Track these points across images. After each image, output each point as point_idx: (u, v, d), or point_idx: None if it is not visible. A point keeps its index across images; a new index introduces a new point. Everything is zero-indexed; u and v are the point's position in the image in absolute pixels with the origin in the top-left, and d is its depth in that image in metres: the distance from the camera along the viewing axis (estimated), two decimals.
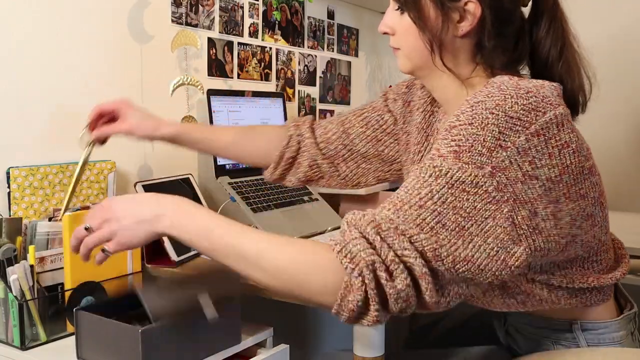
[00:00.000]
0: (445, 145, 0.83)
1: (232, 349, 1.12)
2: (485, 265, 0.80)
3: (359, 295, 0.77)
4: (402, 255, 0.77)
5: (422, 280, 0.78)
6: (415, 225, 0.79)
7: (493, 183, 0.80)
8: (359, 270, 0.77)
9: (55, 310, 1.15)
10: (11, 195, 1.23)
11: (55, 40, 1.34)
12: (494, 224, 0.80)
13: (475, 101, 0.86)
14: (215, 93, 1.66)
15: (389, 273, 0.77)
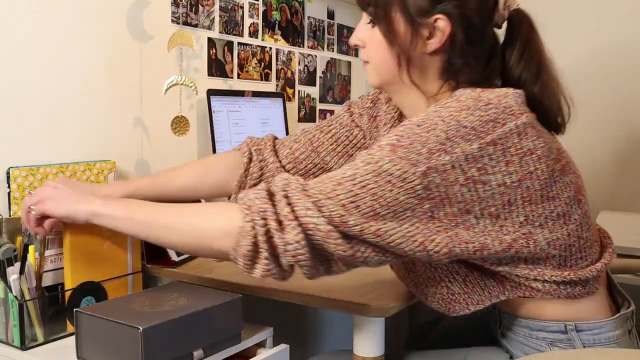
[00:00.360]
0: (386, 138, 0.88)
1: (232, 349, 1.12)
2: (399, 243, 0.85)
3: (248, 239, 0.84)
4: (303, 215, 0.83)
5: (329, 239, 0.84)
6: (324, 195, 0.84)
7: (423, 182, 0.85)
8: (251, 216, 0.84)
9: (55, 310, 1.15)
10: (11, 195, 1.23)
11: (55, 40, 1.34)
12: (411, 215, 0.85)
13: (431, 110, 0.90)
14: (215, 93, 1.66)
15: (279, 224, 0.84)
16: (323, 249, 0.86)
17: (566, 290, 0.98)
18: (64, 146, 1.37)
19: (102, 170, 1.39)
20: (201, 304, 1.06)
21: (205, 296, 1.11)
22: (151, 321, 0.97)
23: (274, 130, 1.84)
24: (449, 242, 0.87)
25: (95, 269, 1.21)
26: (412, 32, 0.97)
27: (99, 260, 1.21)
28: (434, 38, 0.96)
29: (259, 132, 1.78)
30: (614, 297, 1.10)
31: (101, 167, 1.39)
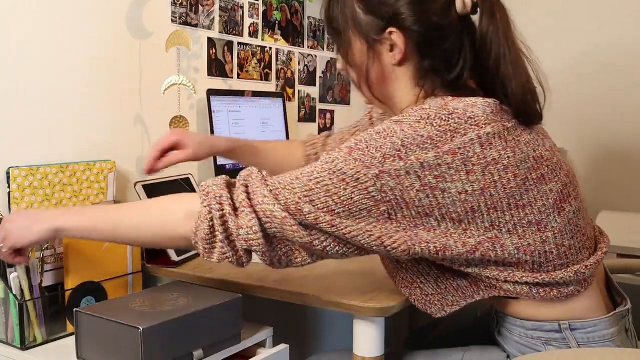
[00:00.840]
0: (347, 142, 0.92)
1: (232, 349, 1.12)
2: (354, 236, 0.89)
3: (205, 222, 0.90)
4: (260, 203, 0.89)
5: (286, 225, 0.88)
6: (281, 186, 0.90)
7: (376, 185, 0.88)
8: (208, 202, 0.90)
9: (55, 310, 1.15)
10: (11, 195, 1.23)
11: (55, 40, 1.34)
12: (367, 215, 0.89)
13: (395, 120, 0.92)
14: (215, 93, 1.66)
15: (234, 209, 0.90)
16: (283, 237, 0.91)
17: (540, 293, 0.98)
18: (64, 146, 1.37)
19: (102, 170, 1.39)
20: (201, 304, 1.06)
21: (205, 296, 1.11)
22: (151, 321, 0.97)
23: (274, 131, 1.84)
24: (407, 240, 0.90)
25: (95, 269, 1.21)
26: (368, 50, 1.00)
27: (99, 260, 1.21)
28: (395, 50, 0.98)
29: (259, 132, 1.79)
30: (613, 296, 1.10)
31: (101, 167, 1.39)
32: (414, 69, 0.99)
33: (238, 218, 0.90)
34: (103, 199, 1.38)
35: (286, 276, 1.23)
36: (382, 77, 1.02)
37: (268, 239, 0.91)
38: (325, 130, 2.22)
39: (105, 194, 1.39)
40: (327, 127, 2.23)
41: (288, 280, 1.20)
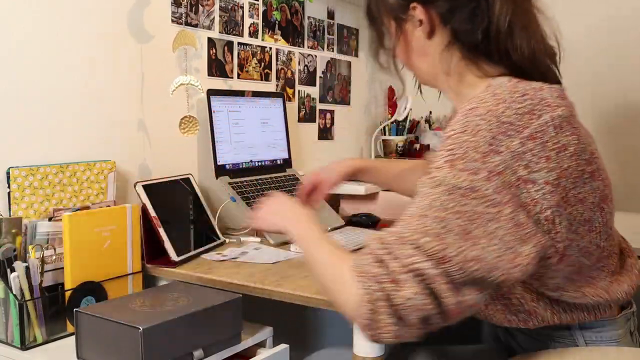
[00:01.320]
0: (440, 157, 0.85)
1: (232, 349, 1.12)
2: (495, 264, 0.81)
3: (364, 306, 0.81)
4: (410, 263, 0.80)
5: (436, 283, 0.80)
6: (418, 232, 0.81)
7: (490, 187, 0.82)
8: (364, 284, 0.81)
9: (55, 310, 1.15)
10: (11, 195, 1.23)
11: (55, 40, 1.34)
12: (497, 226, 0.81)
13: (468, 108, 0.88)
14: (215, 93, 1.66)
15: (395, 283, 0.80)
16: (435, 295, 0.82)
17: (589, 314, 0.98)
18: (64, 146, 1.37)
19: (102, 170, 1.39)
20: (201, 304, 1.06)
21: (205, 296, 1.11)
22: (151, 321, 0.97)
23: (274, 130, 1.84)
24: (537, 252, 0.84)
25: (95, 269, 1.21)
26: (400, 31, 1.02)
27: (99, 260, 1.22)
28: (423, 24, 0.99)
29: (259, 132, 1.79)
30: None
31: (101, 167, 1.39)
32: (443, 39, 1.00)
33: (402, 291, 0.80)
34: (103, 199, 1.38)
35: (286, 276, 1.23)
36: (419, 54, 1.04)
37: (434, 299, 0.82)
38: (325, 130, 2.22)
39: (105, 194, 1.39)
40: (327, 127, 2.23)
41: (288, 280, 1.20)
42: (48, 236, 1.19)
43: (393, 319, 0.81)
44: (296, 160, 2.01)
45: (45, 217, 1.26)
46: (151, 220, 1.34)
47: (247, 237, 1.59)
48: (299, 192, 1.42)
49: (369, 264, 0.83)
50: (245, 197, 1.61)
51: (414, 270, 0.80)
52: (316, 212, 1.30)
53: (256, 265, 1.32)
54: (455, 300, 0.81)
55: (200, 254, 1.42)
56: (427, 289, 0.80)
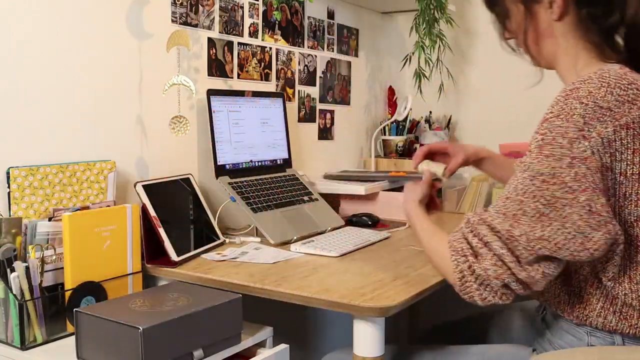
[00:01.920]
0: (534, 140, 0.94)
1: (232, 349, 1.12)
2: (563, 244, 0.90)
3: (456, 275, 0.98)
4: (485, 241, 0.95)
5: (506, 259, 0.92)
6: (499, 213, 0.95)
7: (570, 174, 0.89)
8: (455, 257, 0.99)
9: (55, 310, 1.15)
10: (11, 195, 1.23)
11: (55, 40, 1.34)
12: (571, 212, 0.89)
13: (571, 88, 0.93)
14: (215, 93, 1.66)
15: (475, 256, 0.96)
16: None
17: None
18: (64, 146, 1.37)
19: (102, 170, 1.39)
20: (201, 304, 1.06)
21: (205, 296, 1.11)
22: (151, 321, 0.97)
23: (274, 130, 1.84)
24: (606, 239, 0.90)
25: (95, 269, 1.21)
26: (526, 13, 1.06)
27: (99, 260, 1.22)
28: (554, 5, 1.02)
29: (259, 132, 1.79)
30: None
31: (101, 167, 1.39)
32: (573, 20, 1.02)
33: (482, 263, 0.95)
34: (103, 199, 1.38)
35: (286, 276, 1.23)
36: (543, 35, 1.06)
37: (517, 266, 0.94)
38: (325, 130, 2.22)
39: (105, 194, 1.39)
40: (327, 127, 2.23)
41: (288, 280, 1.20)
42: (48, 236, 1.19)
43: (478, 285, 0.96)
44: (296, 160, 2.01)
45: (45, 217, 1.26)
46: (151, 220, 1.34)
47: (247, 237, 1.59)
48: (420, 151, 1.40)
49: (457, 240, 1.00)
50: (245, 197, 1.61)
51: (488, 246, 0.94)
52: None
53: (256, 265, 1.32)
54: (525, 274, 0.92)
55: (200, 254, 1.42)
56: (500, 261, 0.93)
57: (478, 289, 0.96)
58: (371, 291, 1.12)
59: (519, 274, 0.93)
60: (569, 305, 1.04)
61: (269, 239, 1.52)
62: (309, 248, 1.43)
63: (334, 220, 1.73)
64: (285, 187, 1.75)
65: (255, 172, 1.74)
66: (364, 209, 1.91)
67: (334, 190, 1.90)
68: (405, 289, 1.13)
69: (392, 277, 1.22)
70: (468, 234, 0.98)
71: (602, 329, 1.02)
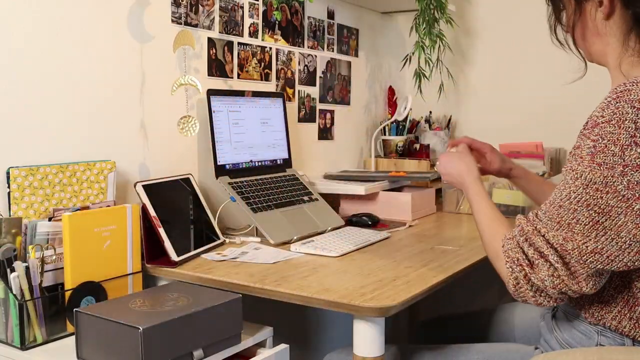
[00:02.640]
0: (586, 147, 0.93)
1: (232, 349, 1.12)
2: (616, 256, 0.91)
3: (510, 281, 0.99)
4: (541, 252, 0.95)
5: (561, 270, 0.93)
6: (553, 222, 0.96)
7: (623, 182, 0.89)
8: (510, 265, 0.99)
9: (55, 310, 1.15)
10: (11, 195, 1.23)
11: (55, 40, 1.34)
12: (625, 220, 0.90)
13: (622, 90, 0.92)
14: (215, 93, 1.66)
15: (531, 267, 0.97)
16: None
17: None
18: (64, 146, 1.37)
19: (102, 170, 1.39)
20: (201, 304, 1.06)
21: (205, 296, 1.11)
22: (151, 321, 0.97)
23: (274, 130, 1.84)
24: None
25: (95, 269, 1.21)
26: (578, 10, 1.06)
27: (99, 260, 1.22)
28: (604, 6, 1.02)
29: (259, 132, 1.79)
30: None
31: (101, 167, 1.39)
32: (620, 21, 1.03)
33: (538, 273, 0.96)
34: (103, 199, 1.38)
35: (286, 276, 1.23)
36: (593, 34, 1.06)
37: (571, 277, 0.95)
38: (325, 130, 2.22)
39: (105, 194, 1.39)
40: (327, 127, 2.23)
41: (288, 280, 1.20)
42: (48, 236, 1.19)
43: (533, 292, 0.98)
44: (296, 160, 2.01)
45: (45, 217, 1.26)
46: (151, 220, 1.34)
47: (247, 237, 1.59)
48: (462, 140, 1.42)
49: (512, 249, 1.00)
50: (245, 197, 1.61)
51: (544, 257, 0.95)
52: None
53: (256, 265, 1.32)
54: (578, 287, 0.94)
55: (200, 254, 1.42)
56: (557, 272, 0.94)
57: (534, 296, 0.98)
58: (371, 291, 1.12)
59: (573, 286, 0.94)
60: (588, 302, 1.04)
61: (269, 239, 1.53)
62: (309, 248, 1.43)
63: (334, 220, 1.73)
64: (285, 187, 1.75)
65: (255, 172, 1.74)
66: (364, 209, 1.91)
67: (334, 190, 1.90)
68: (405, 289, 1.13)
69: (392, 277, 1.22)
70: (523, 244, 0.98)
71: (614, 331, 1.02)
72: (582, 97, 2.31)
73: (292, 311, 1.95)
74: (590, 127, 0.94)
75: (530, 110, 2.42)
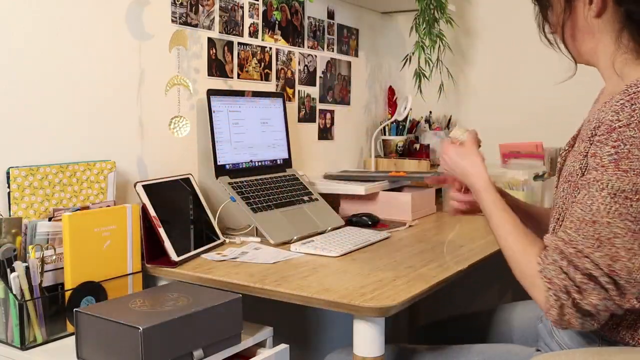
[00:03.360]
0: (606, 154, 0.90)
1: (232, 349, 1.12)
2: None
3: (554, 310, 0.92)
4: (590, 276, 0.89)
5: (612, 292, 0.89)
6: (593, 240, 0.90)
7: None
8: (554, 292, 0.92)
9: (55, 310, 1.15)
10: (11, 195, 1.23)
11: (55, 40, 1.34)
12: None
13: (635, 91, 0.90)
14: (215, 93, 1.66)
15: (580, 293, 0.90)
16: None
17: None
18: (64, 146, 1.37)
19: (102, 170, 1.39)
20: (201, 304, 1.06)
21: (205, 296, 1.11)
22: (151, 321, 0.97)
23: (274, 130, 1.84)
24: None
25: (95, 269, 1.21)
26: (566, 7, 1.04)
27: (99, 260, 1.22)
28: (594, 3, 1.01)
29: (259, 132, 1.79)
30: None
31: (101, 167, 1.39)
32: (612, 18, 1.01)
33: (588, 298, 0.90)
34: (103, 199, 1.38)
35: (286, 276, 1.23)
36: (582, 32, 1.04)
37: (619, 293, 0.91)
38: (325, 130, 2.22)
39: (105, 194, 1.39)
40: (327, 127, 2.23)
41: (288, 280, 1.20)
42: (48, 236, 1.19)
43: (580, 317, 0.92)
44: (296, 160, 2.01)
45: (45, 217, 1.26)
46: (151, 220, 1.34)
47: (247, 237, 1.59)
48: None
49: (556, 277, 0.92)
50: (245, 197, 1.61)
51: (594, 280, 0.89)
52: None
53: (256, 265, 1.32)
54: (629, 304, 0.90)
55: (200, 254, 1.42)
56: (608, 295, 0.90)
57: (580, 319, 0.92)
58: (371, 291, 1.12)
59: (624, 305, 0.91)
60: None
61: (269, 239, 1.52)
62: (309, 248, 1.43)
63: (334, 220, 1.73)
64: (285, 187, 1.75)
65: (255, 172, 1.74)
66: (364, 209, 1.91)
67: (334, 190, 1.90)
68: (405, 289, 1.13)
69: (392, 277, 1.22)
70: (568, 269, 0.91)
71: (613, 339, 1.01)
72: (582, 97, 2.31)
73: (292, 311, 1.95)
74: (606, 132, 0.91)
75: (530, 110, 2.42)
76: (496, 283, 2.35)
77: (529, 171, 1.97)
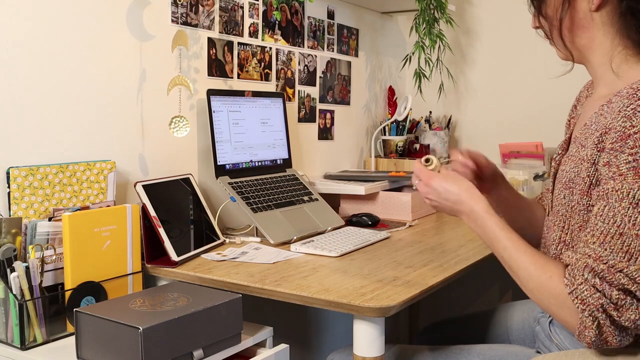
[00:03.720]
0: (623, 162, 0.87)
1: (232, 349, 1.12)
2: None
3: (591, 331, 0.87)
4: (625, 291, 0.86)
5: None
6: (623, 253, 0.86)
7: None
8: (589, 312, 0.87)
9: (55, 310, 1.15)
10: (11, 195, 1.23)
11: (55, 39, 1.34)
12: None
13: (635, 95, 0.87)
14: (215, 93, 1.66)
15: (617, 310, 0.86)
16: None
17: None
18: (64, 146, 1.37)
19: (102, 170, 1.39)
20: (201, 304, 1.06)
21: (205, 296, 1.11)
22: (151, 321, 0.97)
23: (274, 130, 1.84)
24: None
25: (95, 269, 1.21)
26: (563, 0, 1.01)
27: (99, 260, 1.22)
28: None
29: (259, 132, 1.79)
30: None
31: (101, 167, 1.39)
32: (612, 13, 0.99)
33: (625, 315, 0.87)
34: (103, 199, 1.38)
35: (286, 276, 1.23)
36: (578, 26, 1.02)
37: None
38: (325, 130, 2.22)
39: (105, 194, 1.39)
40: (327, 127, 2.23)
41: (288, 280, 1.20)
42: (48, 236, 1.19)
43: (618, 335, 0.88)
44: (296, 160, 2.01)
45: (45, 217, 1.27)
46: (151, 220, 1.34)
47: (247, 237, 1.59)
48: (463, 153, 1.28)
49: (590, 296, 0.87)
50: (245, 197, 1.61)
51: (630, 295, 0.86)
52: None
53: (256, 265, 1.32)
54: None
55: (200, 254, 1.42)
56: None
57: (618, 337, 0.88)
58: (371, 291, 1.12)
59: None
60: None
61: (269, 239, 1.53)
62: (309, 248, 1.43)
63: (334, 220, 1.73)
64: (285, 187, 1.75)
65: (255, 172, 1.74)
66: (364, 209, 1.91)
67: (334, 190, 1.90)
68: (405, 289, 1.13)
69: (392, 277, 1.22)
70: (604, 287, 0.87)
71: None
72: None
73: (292, 311, 1.95)
74: (619, 139, 0.88)
75: (530, 110, 2.42)
76: (496, 283, 2.35)
77: (529, 171, 1.98)
